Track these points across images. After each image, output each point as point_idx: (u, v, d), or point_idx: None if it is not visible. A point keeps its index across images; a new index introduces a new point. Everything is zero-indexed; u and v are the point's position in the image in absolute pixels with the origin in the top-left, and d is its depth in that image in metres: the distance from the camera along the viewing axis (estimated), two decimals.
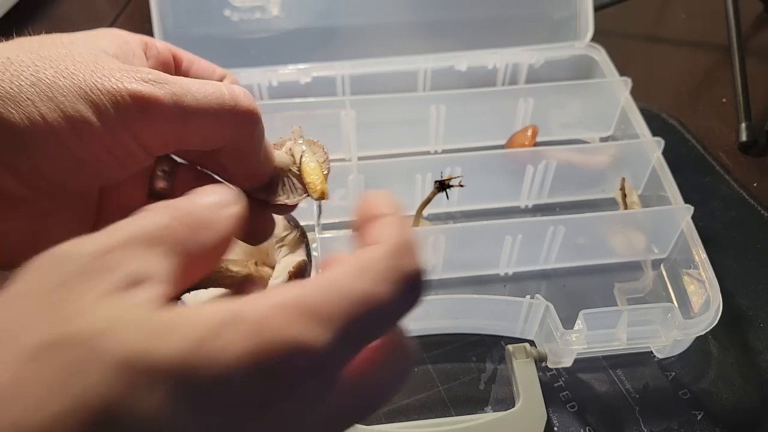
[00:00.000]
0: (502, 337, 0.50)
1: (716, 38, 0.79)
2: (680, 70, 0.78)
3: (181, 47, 0.32)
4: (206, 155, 0.28)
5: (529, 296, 0.47)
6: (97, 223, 0.29)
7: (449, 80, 0.67)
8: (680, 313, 0.45)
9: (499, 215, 0.60)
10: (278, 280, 0.30)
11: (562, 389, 0.47)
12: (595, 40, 0.69)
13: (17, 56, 0.23)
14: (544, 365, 0.48)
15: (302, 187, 0.30)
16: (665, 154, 0.56)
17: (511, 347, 0.47)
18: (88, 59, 0.24)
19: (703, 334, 0.46)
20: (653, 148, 0.57)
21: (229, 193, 0.22)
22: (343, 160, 0.62)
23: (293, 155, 0.31)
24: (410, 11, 0.68)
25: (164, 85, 0.24)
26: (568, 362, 0.47)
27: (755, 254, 0.56)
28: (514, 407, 0.44)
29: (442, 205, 0.58)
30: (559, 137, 0.66)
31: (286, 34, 0.67)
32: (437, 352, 0.50)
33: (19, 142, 0.22)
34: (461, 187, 0.50)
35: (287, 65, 0.65)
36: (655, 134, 0.58)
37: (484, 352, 0.50)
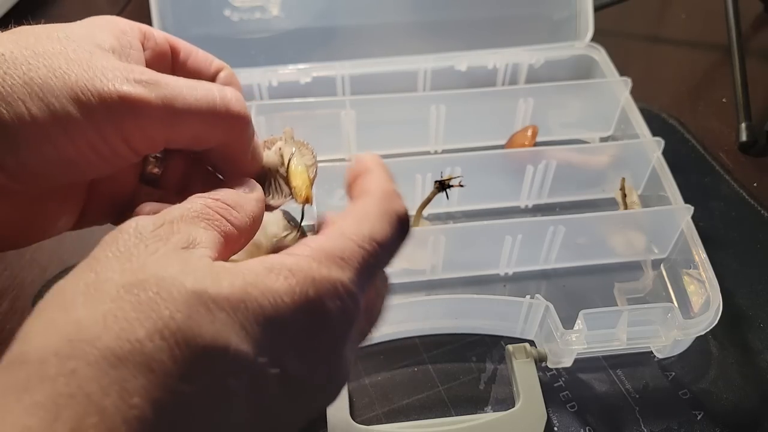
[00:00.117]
0: (502, 337, 0.50)
1: (716, 38, 0.79)
2: (680, 70, 0.78)
3: None
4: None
5: (529, 296, 0.47)
6: (86, 207, 0.29)
7: (449, 80, 0.67)
8: (680, 313, 0.45)
9: (499, 215, 0.60)
10: None
11: (562, 389, 0.47)
12: (595, 40, 0.69)
13: (11, 53, 0.23)
14: (544, 365, 0.48)
15: (288, 189, 0.30)
16: (665, 154, 0.56)
17: (511, 347, 0.47)
18: (81, 57, 0.24)
19: (703, 334, 0.46)
20: (653, 148, 0.57)
21: (257, 186, 0.27)
22: (343, 160, 0.62)
23: (282, 156, 0.31)
24: (410, 11, 0.68)
25: (155, 87, 0.24)
26: (568, 362, 0.47)
27: (755, 254, 0.56)
28: (514, 407, 0.44)
29: (442, 205, 0.58)
30: (559, 137, 0.66)
31: (286, 34, 0.67)
32: (437, 352, 0.50)
33: (8, 140, 0.23)
34: (461, 187, 0.50)
35: (287, 65, 0.65)
36: (655, 134, 0.58)
37: (484, 352, 0.50)
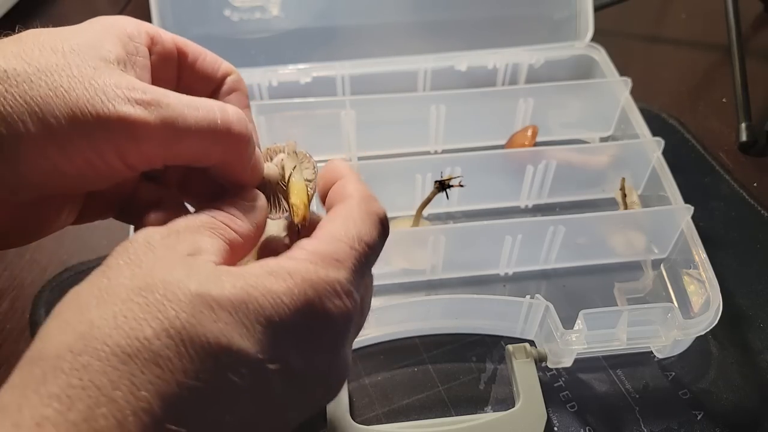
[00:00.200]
0: (502, 337, 0.50)
1: (716, 38, 0.79)
2: (680, 70, 0.78)
3: None
4: None
5: (529, 296, 0.47)
6: (87, 204, 0.29)
7: (449, 80, 0.67)
8: (680, 313, 0.45)
9: (499, 215, 0.60)
10: None
11: (562, 389, 0.47)
12: (595, 40, 0.68)
13: (14, 69, 0.23)
14: (544, 365, 0.48)
15: (286, 204, 0.30)
16: (665, 154, 0.56)
17: (511, 347, 0.47)
18: (84, 73, 0.24)
19: (703, 334, 0.46)
20: (653, 148, 0.57)
21: (260, 194, 0.29)
22: (343, 160, 0.62)
23: (283, 169, 0.31)
24: (410, 11, 0.68)
25: (156, 108, 0.24)
26: (568, 362, 0.47)
27: (755, 254, 0.56)
28: (514, 407, 0.44)
29: (442, 205, 0.58)
30: (559, 137, 0.66)
31: (286, 34, 0.67)
32: (437, 352, 0.50)
33: (5, 156, 0.23)
34: (461, 187, 0.50)
35: (287, 65, 0.65)
36: (655, 134, 0.58)
37: (484, 352, 0.50)
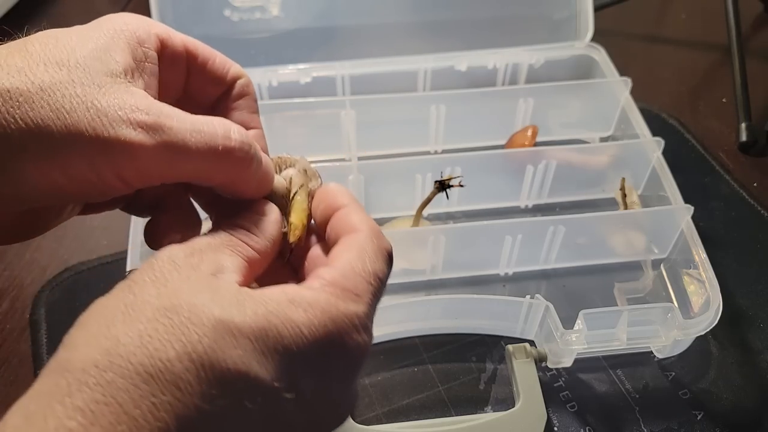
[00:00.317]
0: (502, 337, 0.50)
1: (716, 38, 0.79)
2: (680, 70, 0.78)
3: None
4: None
5: (529, 296, 0.47)
6: (85, 209, 0.29)
7: (449, 80, 0.67)
8: (680, 313, 0.45)
9: (499, 215, 0.60)
10: None
11: (562, 389, 0.47)
12: (595, 40, 0.68)
13: (17, 89, 0.23)
14: (544, 365, 0.48)
15: (285, 221, 0.30)
16: (665, 154, 0.56)
17: (511, 347, 0.47)
18: (87, 93, 0.24)
19: (703, 334, 0.46)
20: (653, 148, 0.57)
21: (274, 208, 0.29)
22: (343, 160, 0.62)
23: (290, 185, 0.30)
24: (410, 11, 0.68)
25: (157, 132, 0.24)
26: (568, 362, 0.47)
27: (755, 254, 0.56)
28: (514, 407, 0.44)
29: (442, 205, 0.58)
30: (559, 137, 0.66)
31: (286, 34, 0.67)
32: (437, 352, 0.50)
33: (5, 174, 0.23)
34: (461, 187, 0.50)
35: (287, 65, 0.65)
36: (655, 134, 0.58)
37: (484, 352, 0.50)
